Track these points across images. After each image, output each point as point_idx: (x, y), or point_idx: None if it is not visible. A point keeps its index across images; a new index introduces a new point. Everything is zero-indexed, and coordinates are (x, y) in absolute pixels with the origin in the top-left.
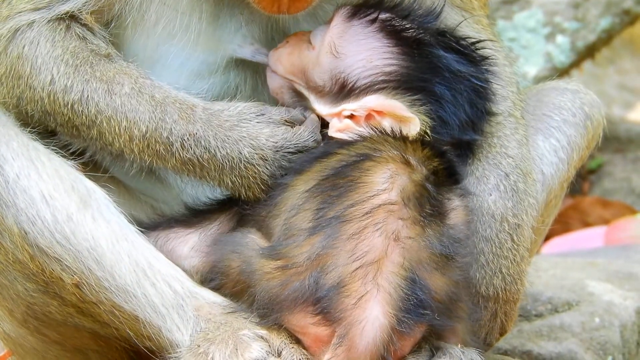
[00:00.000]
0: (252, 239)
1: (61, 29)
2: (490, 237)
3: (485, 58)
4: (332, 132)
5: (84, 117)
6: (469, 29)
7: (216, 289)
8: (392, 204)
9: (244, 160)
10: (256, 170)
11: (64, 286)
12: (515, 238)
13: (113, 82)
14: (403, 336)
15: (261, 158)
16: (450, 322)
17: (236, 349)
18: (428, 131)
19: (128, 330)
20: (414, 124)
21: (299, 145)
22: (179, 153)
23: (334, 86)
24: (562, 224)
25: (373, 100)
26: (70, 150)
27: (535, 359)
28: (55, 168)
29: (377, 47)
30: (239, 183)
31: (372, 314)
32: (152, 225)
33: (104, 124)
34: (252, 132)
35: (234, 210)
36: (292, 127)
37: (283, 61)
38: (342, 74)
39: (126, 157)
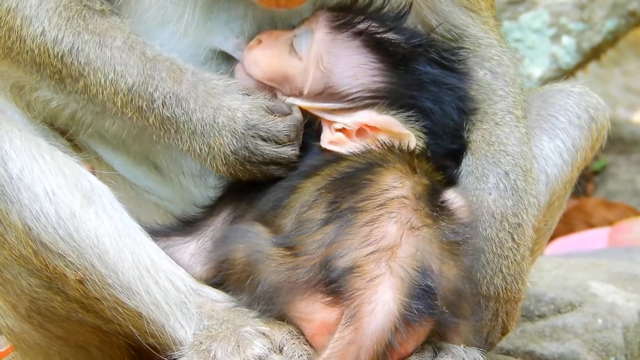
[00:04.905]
0: (260, 230)
1: None
2: (490, 237)
3: (462, 61)
4: (324, 143)
5: (72, 68)
6: (477, 30)
7: (219, 284)
8: (405, 198)
9: (215, 129)
10: (222, 142)
11: (67, 282)
12: (515, 237)
13: (105, 35)
14: (410, 326)
15: (231, 130)
16: (456, 319)
17: (238, 346)
18: (426, 147)
19: (131, 327)
20: (410, 139)
21: (271, 132)
22: (160, 110)
23: (320, 97)
24: (565, 225)
25: (366, 116)
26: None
27: None
28: (59, 165)
29: (363, 64)
30: (205, 151)
31: (383, 298)
32: (150, 232)
33: (91, 76)
34: (232, 104)
35: (227, 214)
36: (270, 114)
37: (260, 65)
38: (329, 89)
39: (107, 113)
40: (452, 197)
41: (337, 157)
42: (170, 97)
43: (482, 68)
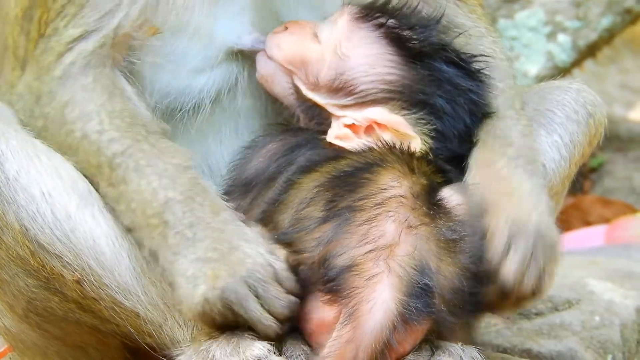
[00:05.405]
0: (259, 231)
1: (118, 87)
2: None
3: (481, 70)
4: (330, 137)
5: (118, 172)
6: (465, 19)
7: None
8: (402, 197)
9: (221, 262)
10: (219, 274)
11: (64, 282)
12: None
13: (165, 151)
14: (408, 325)
15: (233, 270)
16: (455, 318)
17: (237, 347)
18: (429, 151)
19: (129, 327)
20: (415, 142)
21: (269, 296)
22: (184, 230)
23: (334, 85)
24: (562, 223)
25: (377, 113)
26: None
27: (535, 357)
28: (55, 166)
29: (380, 54)
30: (195, 278)
31: (382, 296)
32: None
33: (134, 183)
34: (250, 251)
35: None
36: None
37: (283, 47)
38: (343, 75)
39: (126, 216)
40: (448, 194)
41: (337, 155)
42: (200, 222)
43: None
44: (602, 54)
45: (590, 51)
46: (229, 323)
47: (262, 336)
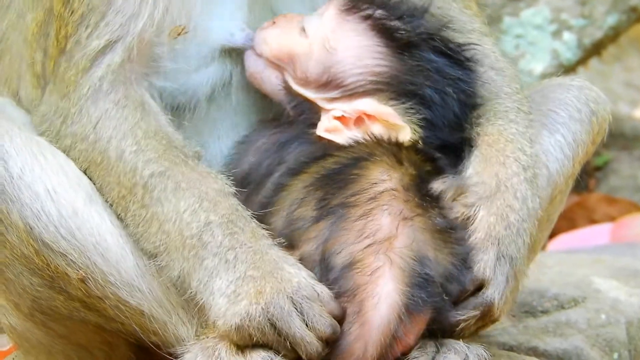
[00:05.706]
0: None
1: (147, 103)
2: None
3: (470, 59)
4: (320, 131)
5: (152, 194)
6: (461, 15)
7: None
8: (394, 190)
9: (266, 279)
10: (263, 290)
11: (69, 281)
12: None
13: (204, 175)
14: (413, 315)
15: (279, 287)
16: (453, 306)
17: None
18: (419, 140)
19: (134, 325)
20: (404, 132)
21: (314, 315)
22: (225, 252)
23: (323, 78)
24: (568, 221)
25: (367, 104)
26: None
27: (541, 355)
28: (60, 163)
29: (368, 46)
30: (237, 293)
31: (385, 290)
32: None
33: (170, 204)
34: (294, 272)
35: None
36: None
37: (270, 43)
38: (332, 68)
39: (154, 240)
40: (438, 185)
41: (324, 154)
42: (242, 245)
43: (482, 65)
44: (607, 52)
45: (595, 49)
46: (265, 340)
47: (303, 355)
